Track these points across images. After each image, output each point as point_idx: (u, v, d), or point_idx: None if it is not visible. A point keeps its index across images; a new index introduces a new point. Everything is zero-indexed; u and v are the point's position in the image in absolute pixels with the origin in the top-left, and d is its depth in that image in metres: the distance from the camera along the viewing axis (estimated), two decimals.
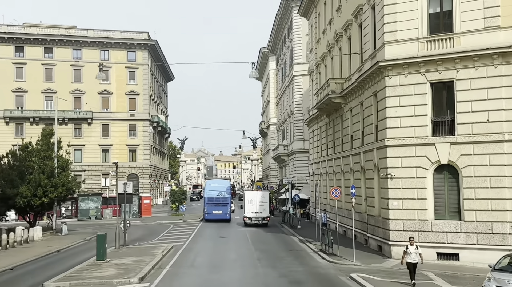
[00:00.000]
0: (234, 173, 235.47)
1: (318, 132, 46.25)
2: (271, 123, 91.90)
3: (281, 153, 67.73)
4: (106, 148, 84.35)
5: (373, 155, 29.22)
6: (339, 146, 38.18)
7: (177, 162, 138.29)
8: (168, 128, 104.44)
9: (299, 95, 61.27)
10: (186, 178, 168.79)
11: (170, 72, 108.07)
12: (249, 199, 47.93)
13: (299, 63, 61.45)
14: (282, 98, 73.92)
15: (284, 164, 69.38)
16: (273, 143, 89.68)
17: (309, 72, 50.03)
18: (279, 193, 68.34)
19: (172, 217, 59.68)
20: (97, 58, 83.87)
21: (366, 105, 30.85)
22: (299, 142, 61.34)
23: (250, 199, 47.79)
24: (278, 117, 79.85)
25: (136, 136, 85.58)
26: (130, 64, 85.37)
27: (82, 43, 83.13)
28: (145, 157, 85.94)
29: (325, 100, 37.51)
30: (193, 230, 44.13)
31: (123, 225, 33.13)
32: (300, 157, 61.13)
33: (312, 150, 49.34)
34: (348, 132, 35.41)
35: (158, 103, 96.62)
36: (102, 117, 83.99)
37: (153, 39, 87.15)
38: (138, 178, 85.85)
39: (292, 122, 63.86)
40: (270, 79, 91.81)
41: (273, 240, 37.28)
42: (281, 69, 73.59)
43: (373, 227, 29.88)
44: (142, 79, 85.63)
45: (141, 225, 51.03)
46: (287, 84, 66.92)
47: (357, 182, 33.24)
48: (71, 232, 43.93)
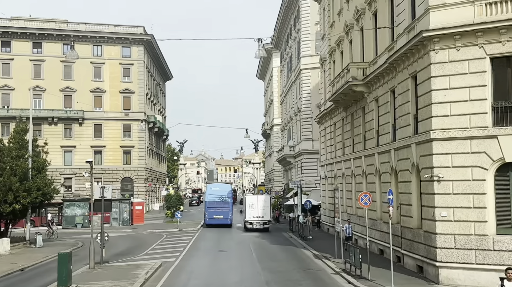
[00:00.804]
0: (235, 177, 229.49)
1: (332, 129, 40.19)
2: (275, 123, 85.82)
3: (286, 154, 61.68)
4: (98, 150, 78.22)
5: (411, 153, 23.11)
6: (360, 143, 32.09)
7: (176, 165, 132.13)
8: (165, 129, 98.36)
9: (307, 90, 55.24)
10: (186, 182, 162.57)
11: (168, 70, 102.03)
12: (250, 203, 46.66)
13: (307, 56, 55.43)
14: (287, 96, 67.93)
15: (290, 166, 63.34)
16: (277, 144, 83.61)
17: (321, 62, 44.00)
18: (285, 199, 62.20)
19: (167, 224, 53.53)
20: (89, 54, 77.92)
21: (399, 91, 24.72)
22: (307, 142, 55.27)
23: (251, 203, 46.56)
24: (283, 116, 73.83)
25: (130, 137, 79.45)
26: (124, 60, 79.36)
27: (73, 38, 77.02)
28: (140, 159, 79.83)
29: (343, 89, 31.42)
30: (188, 241, 37.99)
31: (100, 238, 26.88)
32: (308, 159, 55.05)
33: (324, 150, 43.27)
34: (373, 127, 29.32)
35: (155, 102, 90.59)
36: (94, 116, 77.96)
37: (149, 33, 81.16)
38: (133, 182, 79.71)
39: (299, 120, 57.82)
40: (274, 77, 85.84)
41: (282, 254, 31.12)
42: (287, 65, 67.63)
43: (410, 242, 23.70)
44: (138, 76, 79.60)
45: (130, 235, 44.91)
46: (293, 79, 60.90)
47: (385, 186, 27.16)
48: (48, 244, 37.86)
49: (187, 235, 43.08)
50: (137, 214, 53.83)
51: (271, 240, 39.38)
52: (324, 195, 44.27)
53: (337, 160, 38.28)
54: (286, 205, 60.87)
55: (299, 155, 57.50)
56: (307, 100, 55.22)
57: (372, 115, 29.46)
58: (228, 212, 50.65)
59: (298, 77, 57.84)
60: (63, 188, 76.33)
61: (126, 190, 79.40)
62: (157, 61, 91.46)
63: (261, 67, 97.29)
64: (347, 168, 35.30)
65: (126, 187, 79.75)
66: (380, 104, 27.95)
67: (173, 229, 48.22)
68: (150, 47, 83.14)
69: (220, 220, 49.84)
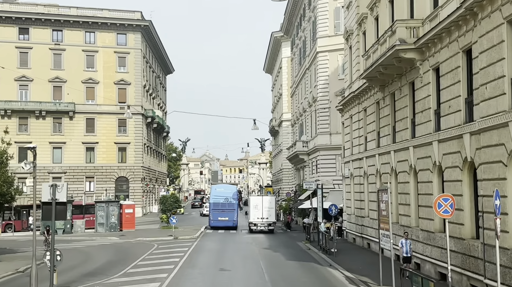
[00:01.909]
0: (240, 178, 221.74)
1: (361, 116, 32.24)
2: (284, 119, 77.78)
3: (299, 151, 53.68)
4: (91, 147, 70.44)
5: (507, 136, 15.20)
6: (405, 131, 24.14)
7: (178, 165, 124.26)
8: (166, 125, 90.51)
9: (324, 77, 47.28)
10: (189, 183, 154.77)
11: (169, 62, 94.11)
12: (254, 204, 45.74)
13: (324, 36, 47.47)
14: (299, 86, 59.97)
15: (303, 165, 55.37)
16: (286, 142, 75.64)
17: (346, 36, 36.00)
18: (297, 201, 54.24)
19: (161, 231, 45.60)
20: (81, 41, 70.30)
21: (482, 47, 16.73)
22: (323, 137, 47.31)
23: (256, 204, 45.64)
24: (294, 110, 65.85)
25: (126, 132, 71.64)
26: (120, 48, 71.59)
27: (63, 23, 69.42)
28: (136, 157, 72.01)
29: (385, 58, 23.36)
30: (183, 255, 30.04)
31: (50, 258, 18.82)
32: (325, 156, 47.08)
33: (349, 143, 35.30)
34: (428, 106, 21.38)
35: (154, 96, 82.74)
36: (86, 110, 70.23)
37: (147, 19, 73.35)
38: (128, 181, 71.89)
39: (314, 111, 49.85)
40: (283, 68, 77.87)
41: (304, 277, 23.08)
42: (299, 51, 59.71)
43: (506, 269, 15.72)
44: (134, 66, 71.82)
45: (114, 245, 37.02)
46: (308, 65, 52.95)
47: (449, 186, 19.23)
48: (8, 256, 30.07)
49: (183, 245, 35.15)
50: (127, 219, 45.92)
51: (286, 253, 31.42)
52: (348, 198, 36.27)
53: (369, 155, 30.32)
54: (298, 209, 52.95)
55: (314, 152, 49.54)
56: (324, 88, 47.27)
57: (427, 90, 21.48)
58: (233, 214, 48.68)
59: (314, 62, 49.88)
60: None
61: (121, 191, 71.66)
62: (157, 51, 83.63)
63: (269, 59, 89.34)
64: (384, 163, 27.33)
65: (121, 187, 71.98)
66: (443, 73, 19.93)
67: (167, 237, 40.30)
68: (148, 35, 75.34)
69: (225, 222, 47.89)
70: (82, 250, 34.19)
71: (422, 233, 21.85)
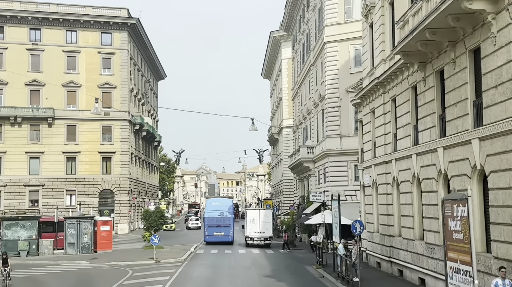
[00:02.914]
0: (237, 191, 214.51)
1: (387, 108, 25.25)
2: (285, 125, 70.86)
3: (303, 158, 46.60)
4: (72, 156, 63.30)
5: None
6: (462, 119, 17.13)
7: (172, 178, 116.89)
8: (157, 134, 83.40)
9: (333, 70, 40.39)
10: (184, 196, 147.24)
11: (160, 67, 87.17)
12: (251, 218, 44.40)
13: (333, 24, 40.66)
14: (302, 86, 53.05)
15: (308, 174, 48.24)
16: (287, 150, 68.71)
17: (365, 12, 28.94)
18: (301, 216, 47.03)
19: (144, 252, 38.15)
20: (61, 40, 63.56)
21: None
22: (333, 140, 40.31)
23: (252, 218, 44.30)
24: (296, 113, 58.85)
25: (111, 140, 64.58)
26: (104, 48, 64.78)
27: (42, 21, 62.69)
28: (123, 167, 64.82)
29: (436, 17, 16.37)
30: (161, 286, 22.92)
31: None
32: (335, 162, 40.05)
33: (370, 144, 28.24)
34: (508, 77, 14.43)
35: (143, 102, 75.73)
36: (67, 116, 63.24)
37: (134, 17, 66.56)
38: (114, 194, 64.63)
39: (321, 111, 42.88)
40: (283, 70, 71.11)
41: None
42: (302, 47, 52.89)
43: None
44: (120, 68, 64.95)
45: (80, 271, 29.61)
46: (313, 60, 46.08)
47: None
48: None
49: (164, 272, 27.83)
50: (102, 238, 38.50)
51: (294, 283, 24.19)
52: (369, 212, 29.12)
53: (400, 156, 23.27)
54: (303, 225, 45.72)
55: (322, 158, 42.49)
56: (333, 84, 40.35)
57: (506, 54, 14.52)
58: (229, 229, 46.69)
59: (320, 55, 43.03)
60: (29, 203, 62.50)
61: (106, 205, 64.44)
62: (146, 53, 76.73)
63: (267, 62, 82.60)
64: (426, 166, 20.28)
65: (105, 201, 64.72)
66: None
67: (147, 261, 32.94)
68: (135, 34, 68.53)
69: (220, 237, 45.87)
70: (38, 279, 26.92)
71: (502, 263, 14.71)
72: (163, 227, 69.25)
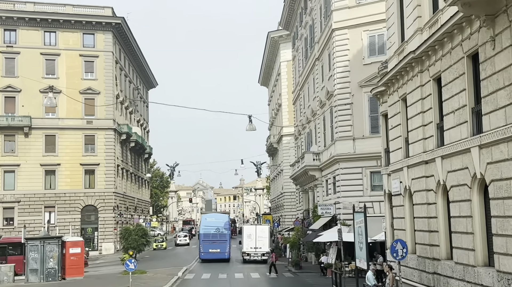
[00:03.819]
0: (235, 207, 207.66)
1: (427, 91, 18.97)
2: (285, 133, 64.67)
3: (308, 166, 40.24)
4: (51, 169, 56.92)
5: None
6: None
7: (166, 193, 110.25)
8: (147, 146, 77.08)
9: (343, 62, 34.26)
10: (179, 212, 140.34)
11: (151, 74, 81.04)
12: (248, 233, 43.69)
13: (342, 8, 34.60)
14: (305, 85, 46.90)
15: (313, 184, 41.85)
16: (287, 160, 62.50)
17: None
18: (307, 232, 40.64)
19: (122, 278, 31.05)
20: (39, 42, 57.55)
21: None
22: (344, 143, 34.02)
23: (249, 233, 43.59)
24: (298, 118, 52.57)
25: (95, 151, 58.25)
26: (86, 51, 58.75)
27: (17, 22, 56.74)
28: (108, 181, 58.38)
29: None
30: None
31: None
32: (347, 169, 33.74)
33: (400, 140, 21.95)
34: None
35: (131, 111, 69.51)
36: (46, 125, 57.02)
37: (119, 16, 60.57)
38: (98, 211, 58.10)
39: (330, 110, 36.65)
40: (282, 74, 65.14)
41: None
42: (304, 42, 46.84)
43: None
44: (104, 72, 58.85)
45: None
46: (318, 54, 40.00)
47: None
48: None
49: None
50: (72, 262, 31.81)
51: None
52: (399, 227, 22.73)
53: (449, 152, 17.00)
54: (309, 243, 39.31)
55: (331, 165, 36.18)
56: (344, 77, 34.22)
57: None
58: (225, 245, 44.86)
59: (327, 46, 36.95)
60: (3, 222, 56.04)
61: (89, 223, 58.00)
62: (133, 57, 70.62)
63: (265, 66, 76.65)
64: (493, 163, 14.04)
65: (88, 218, 58.24)
66: None
67: None
68: (121, 35, 62.54)
69: (216, 255, 44.00)
70: None
71: None
72: (154, 245, 63.13)
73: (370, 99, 33.26)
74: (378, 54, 33.01)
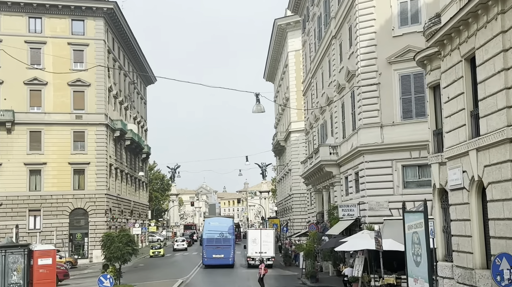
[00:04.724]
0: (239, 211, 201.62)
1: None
2: (293, 129, 58.81)
3: (324, 161, 34.25)
4: (36, 169, 51.25)
5: None
6: None
7: (167, 196, 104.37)
8: (145, 145, 71.29)
9: (368, 35, 28.30)
10: (180, 217, 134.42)
11: (149, 68, 75.33)
12: (252, 238, 42.38)
13: None
14: (318, 71, 40.93)
15: (329, 182, 35.87)
16: (297, 158, 56.71)
17: None
18: (322, 238, 34.61)
19: None
20: (23, 29, 52.05)
21: None
22: (370, 132, 28.07)
23: (254, 238, 42.26)
24: (309, 110, 46.54)
25: (85, 149, 52.56)
26: (75, 39, 53.19)
27: None
28: (99, 182, 52.59)
29: None
30: None
31: None
32: (374, 163, 27.82)
33: (463, 115, 16.01)
34: None
35: (127, 106, 63.74)
36: (30, 119, 51.41)
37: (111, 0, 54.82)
38: (88, 215, 52.32)
39: (350, 94, 30.67)
40: (290, 65, 59.33)
41: None
42: (317, 21, 40.87)
43: None
44: (96, 62, 52.99)
45: None
46: (334, 31, 33.90)
47: None
48: None
49: None
50: (41, 276, 25.85)
51: None
52: (461, 233, 16.67)
53: None
54: (326, 251, 33.26)
55: (353, 158, 30.22)
56: (369, 52, 28.29)
57: None
58: (230, 251, 43.16)
59: (348, 19, 31.07)
60: None
61: (78, 228, 52.27)
62: (129, 49, 64.88)
63: (271, 59, 70.91)
64: None
65: (77, 222, 52.49)
66: None
67: None
68: (114, 23, 56.87)
69: (220, 260, 42.44)
70: None
71: None
72: (150, 252, 57.27)
73: (402, 77, 27.47)
74: (411, 24, 27.23)
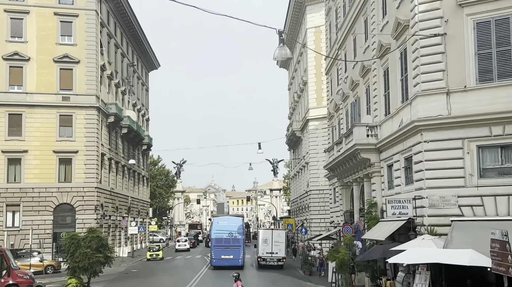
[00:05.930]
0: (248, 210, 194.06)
1: None
2: (311, 116, 51.06)
3: (359, 145, 26.43)
4: (15, 157, 43.99)
5: None
6: None
7: (171, 194, 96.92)
8: (144, 135, 63.80)
9: None
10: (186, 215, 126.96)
11: (152, 52, 67.77)
12: (263, 238, 41.18)
13: None
14: (348, 39, 33.00)
15: (365, 173, 28.07)
16: (315, 150, 49.17)
17: None
18: (357, 245, 26.84)
19: None
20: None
21: None
22: (432, 100, 20.22)
23: (265, 238, 41.06)
24: (335, 89, 38.66)
25: (72, 135, 45.20)
26: (63, 8, 45.84)
27: None
28: (88, 173, 45.16)
29: None
30: None
31: None
32: (438, 143, 20.06)
33: None
34: None
35: (124, 90, 56.26)
36: (9, 100, 44.18)
37: None
38: (75, 211, 44.90)
39: (401, 53, 22.94)
40: (309, 44, 51.46)
41: None
42: None
43: None
44: (86, 35, 45.76)
45: None
46: None
47: None
48: None
49: None
50: None
51: None
52: None
53: None
54: (363, 264, 25.43)
55: (405, 138, 22.33)
56: None
57: None
58: (239, 251, 41.10)
59: None
60: None
61: (63, 226, 44.86)
62: (127, 26, 57.26)
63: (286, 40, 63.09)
64: None
65: (62, 220, 45.12)
66: None
67: None
68: None
69: (229, 261, 40.21)
70: None
71: None
72: (147, 255, 49.82)
73: (478, 25, 19.73)
74: None
